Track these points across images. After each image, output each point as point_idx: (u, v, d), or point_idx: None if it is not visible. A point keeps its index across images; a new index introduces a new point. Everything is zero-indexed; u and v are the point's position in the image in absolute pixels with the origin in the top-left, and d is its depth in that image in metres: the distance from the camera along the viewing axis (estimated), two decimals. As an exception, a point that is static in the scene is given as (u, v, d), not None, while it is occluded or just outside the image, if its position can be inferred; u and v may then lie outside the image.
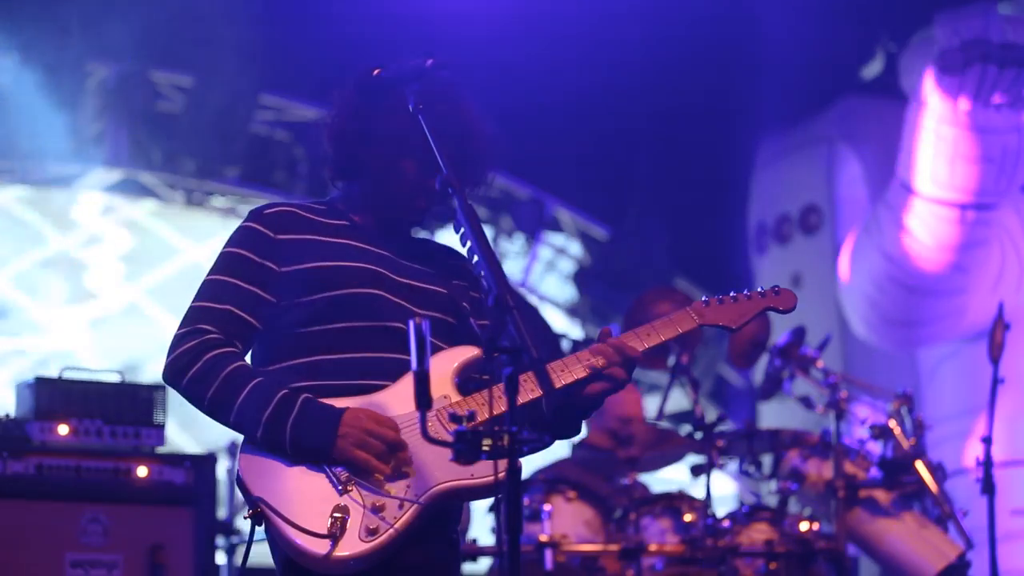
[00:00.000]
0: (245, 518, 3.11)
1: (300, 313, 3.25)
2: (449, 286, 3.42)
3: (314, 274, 3.27)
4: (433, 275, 3.41)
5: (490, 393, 3.09)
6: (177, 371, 3.19)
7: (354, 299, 3.25)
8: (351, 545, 3.01)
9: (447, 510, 3.22)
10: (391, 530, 3.03)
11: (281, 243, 3.29)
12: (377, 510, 3.05)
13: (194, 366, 3.16)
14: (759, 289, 3.54)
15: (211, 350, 3.17)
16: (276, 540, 3.10)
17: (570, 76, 9.85)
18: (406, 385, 3.15)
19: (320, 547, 3.00)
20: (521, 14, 9.19)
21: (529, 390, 3.17)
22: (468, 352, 3.31)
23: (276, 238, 3.29)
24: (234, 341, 3.23)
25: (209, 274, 3.31)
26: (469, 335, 3.41)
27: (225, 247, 3.33)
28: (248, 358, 3.32)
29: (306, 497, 3.07)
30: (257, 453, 3.14)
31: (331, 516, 3.03)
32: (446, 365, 3.26)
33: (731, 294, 3.49)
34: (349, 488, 3.08)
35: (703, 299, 3.46)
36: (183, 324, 3.24)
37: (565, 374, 3.23)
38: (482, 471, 3.05)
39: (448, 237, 3.44)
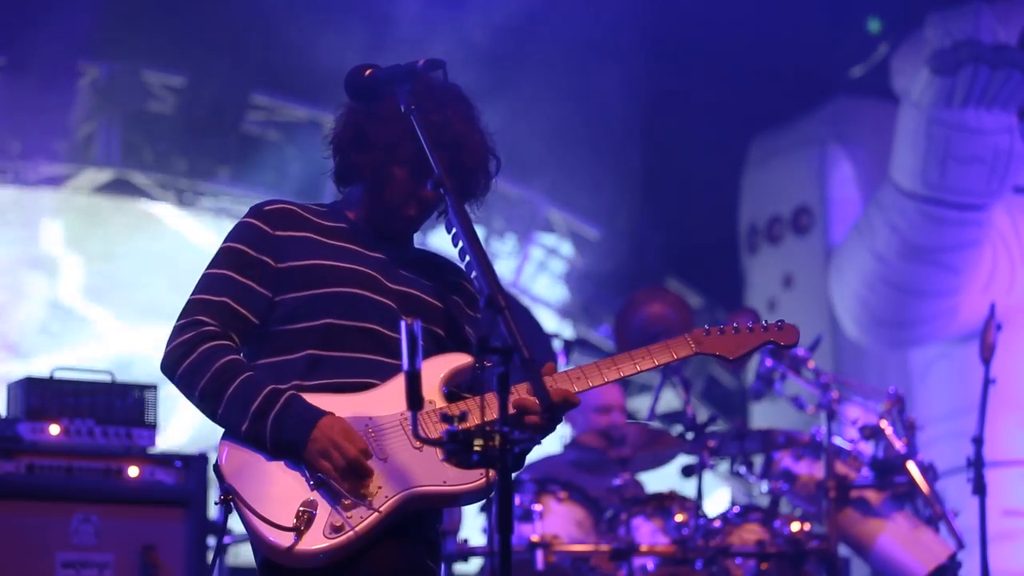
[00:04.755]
0: (216, 503, 3.16)
1: (287, 308, 3.28)
2: (444, 300, 3.42)
3: (307, 271, 3.29)
4: (428, 287, 3.42)
5: (482, 397, 3.10)
6: (172, 362, 3.23)
7: (339, 298, 3.27)
8: (314, 540, 3.04)
9: (423, 512, 3.21)
10: (351, 532, 3.06)
11: (279, 239, 3.31)
12: (345, 509, 3.08)
13: (188, 357, 3.19)
14: (762, 322, 3.54)
15: (206, 342, 3.20)
16: (246, 531, 3.13)
17: (563, 77, 9.85)
18: (392, 386, 3.17)
19: (283, 539, 3.04)
20: (514, 15, 9.18)
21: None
22: (459, 359, 3.32)
23: (274, 234, 3.32)
24: (230, 333, 3.25)
25: (208, 268, 3.34)
26: (458, 349, 3.39)
27: (224, 241, 3.36)
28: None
29: (278, 489, 3.10)
30: (239, 442, 3.17)
31: (298, 510, 3.06)
32: (435, 371, 3.26)
33: (733, 325, 3.49)
34: (321, 485, 3.10)
35: (704, 327, 3.47)
36: (181, 316, 3.27)
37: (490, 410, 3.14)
38: (456, 478, 3.08)
39: (442, 237, 3.45)
